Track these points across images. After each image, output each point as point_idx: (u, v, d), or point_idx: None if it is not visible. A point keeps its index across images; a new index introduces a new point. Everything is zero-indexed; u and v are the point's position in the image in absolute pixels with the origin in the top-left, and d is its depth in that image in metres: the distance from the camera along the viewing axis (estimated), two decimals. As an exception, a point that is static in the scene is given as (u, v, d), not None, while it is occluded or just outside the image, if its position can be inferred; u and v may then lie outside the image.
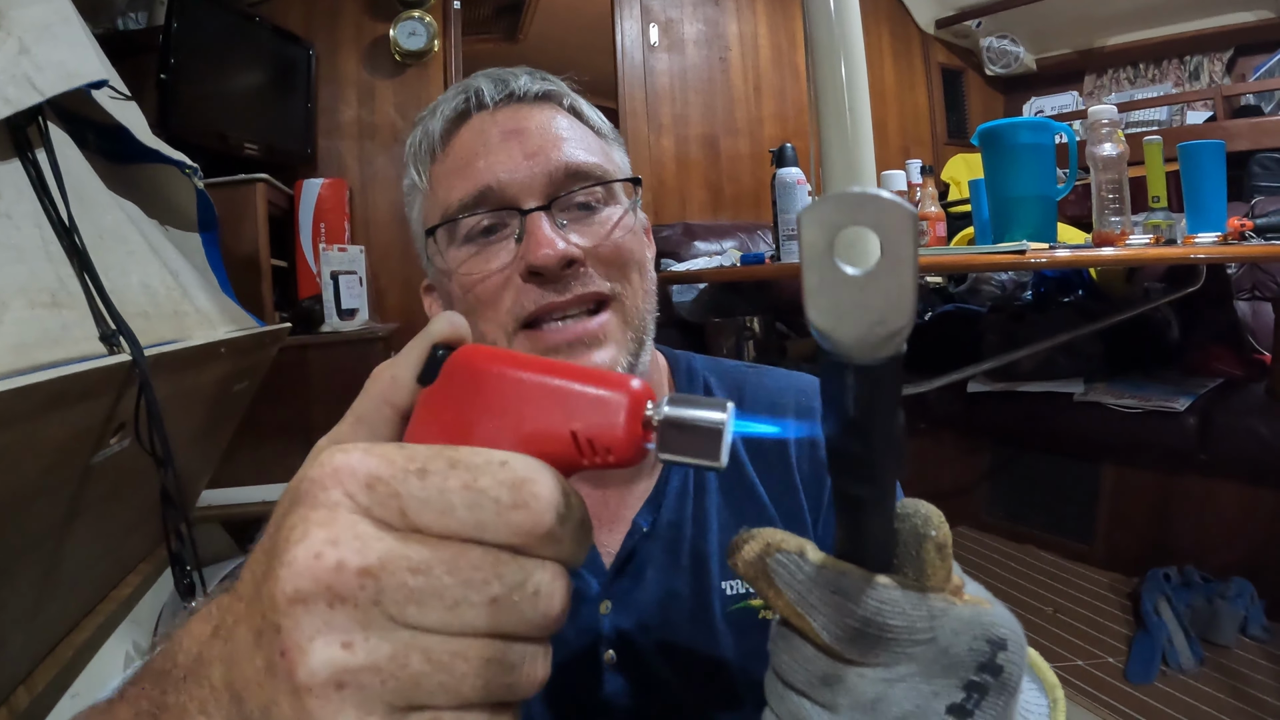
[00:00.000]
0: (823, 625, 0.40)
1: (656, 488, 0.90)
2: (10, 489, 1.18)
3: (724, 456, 0.37)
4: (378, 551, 0.32)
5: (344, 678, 0.31)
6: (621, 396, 0.37)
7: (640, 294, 0.85)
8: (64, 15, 1.62)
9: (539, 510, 0.34)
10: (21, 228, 1.34)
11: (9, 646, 1.37)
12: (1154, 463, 3.23)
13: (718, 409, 0.37)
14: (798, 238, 0.31)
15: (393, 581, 0.32)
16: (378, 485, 0.34)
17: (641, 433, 0.38)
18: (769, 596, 0.42)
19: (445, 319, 0.43)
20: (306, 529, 0.33)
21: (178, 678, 0.40)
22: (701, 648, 0.84)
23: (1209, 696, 2.39)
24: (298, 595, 0.32)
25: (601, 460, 0.38)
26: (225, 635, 0.37)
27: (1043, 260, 1.93)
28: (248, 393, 2.35)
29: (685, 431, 0.37)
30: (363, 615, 0.32)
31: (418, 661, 0.32)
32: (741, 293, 3.40)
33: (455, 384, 0.40)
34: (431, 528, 0.33)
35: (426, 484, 0.33)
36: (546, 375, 0.38)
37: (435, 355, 0.41)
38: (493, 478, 0.34)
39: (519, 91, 0.87)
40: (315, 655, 0.32)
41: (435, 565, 0.33)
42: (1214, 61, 4.75)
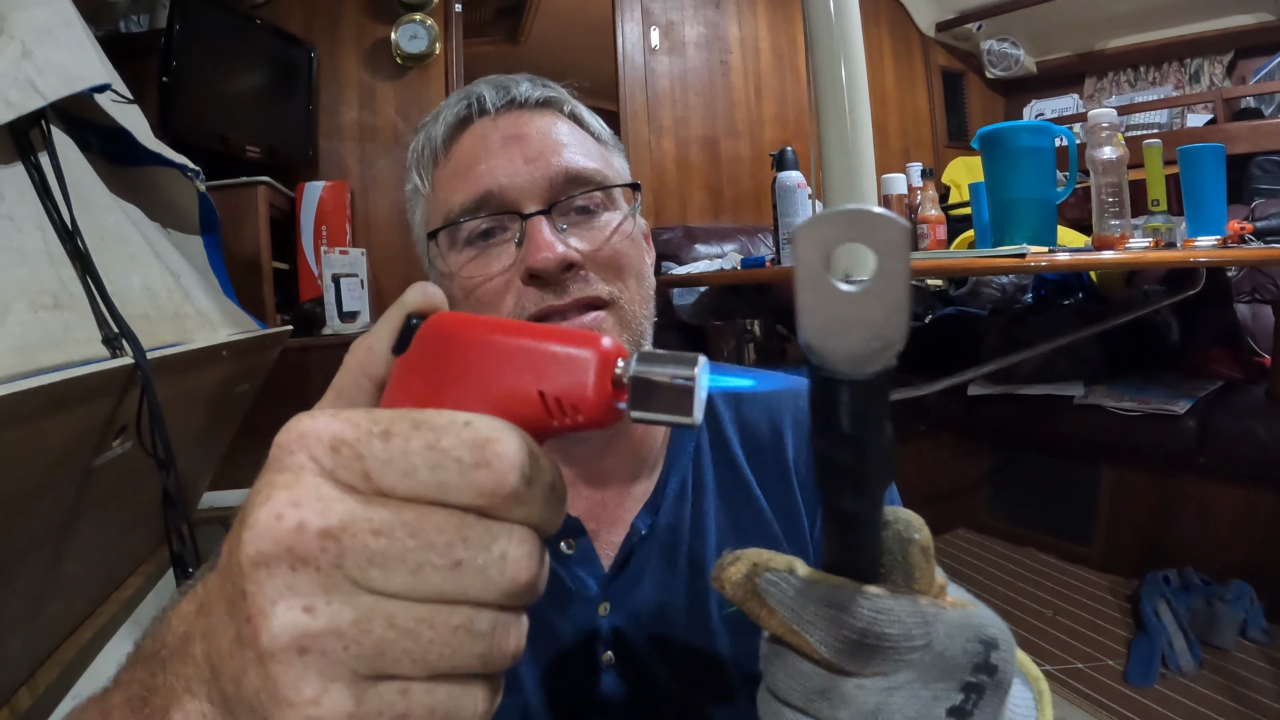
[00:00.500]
0: (820, 640, 0.40)
1: (655, 490, 0.91)
2: (12, 491, 1.19)
3: (698, 413, 0.37)
4: (339, 513, 0.32)
5: (306, 642, 0.31)
6: (590, 354, 0.37)
7: (638, 299, 0.86)
8: (66, 18, 1.62)
9: (502, 469, 0.33)
10: (24, 230, 1.35)
11: (10, 648, 1.37)
12: (1154, 465, 3.24)
13: (689, 364, 0.37)
14: (793, 255, 0.31)
15: (354, 544, 0.32)
16: (342, 448, 0.33)
17: (611, 391, 0.37)
18: (761, 616, 0.42)
19: (419, 288, 0.43)
20: (270, 492, 0.33)
21: (166, 657, 0.41)
22: (699, 649, 0.85)
23: (1209, 699, 2.39)
24: (260, 557, 0.32)
25: (571, 420, 0.37)
26: (207, 610, 0.37)
27: (1043, 264, 1.93)
28: (249, 395, 2.35)
29: (657, 388, 0.37)
30: (324, 578, 0.32)
31: (381, 627, 0.32)
32: (742, 295, 3.41)
33: (427, 350, 0.40)
34: (395, 489, 0.33)
35: (390, 445, 0.33)
36: (515, 336, 0.38)
37: (409, 324, 0.41)
38: (455, 437, 0.33)
39: (520, 98, 0.88)
40: (277, 619, 0.31)
41: (398, 527, 0.32)
42: (1214, 64, 4.75)
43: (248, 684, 0.33)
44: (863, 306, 0.30)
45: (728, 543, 0.88)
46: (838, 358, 0.32)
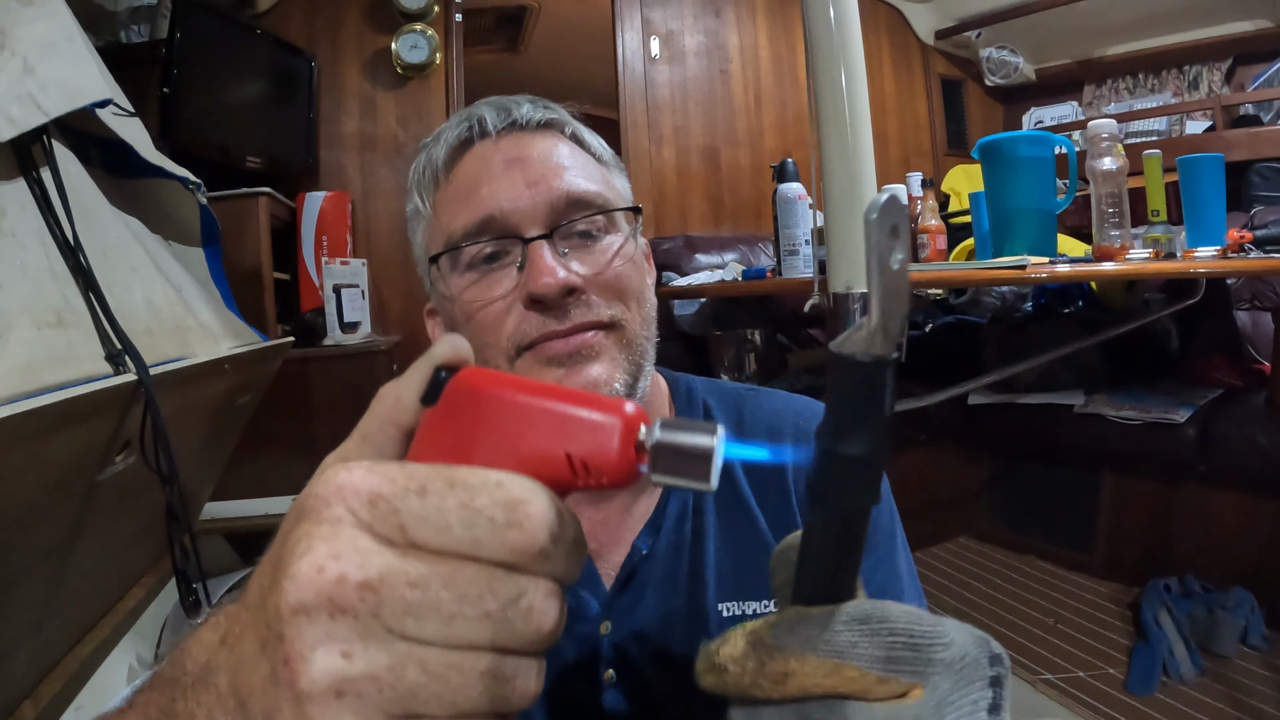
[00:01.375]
0: (869, 662, 0.39)
1: (656, 510, 0.91)
2: (16, 508, 1.19)
3: (714, 480, 0.38)
4: (378, 566, 0.34)
5: (343, 686, 0.33)
6: (615, 420, 0.38)
7: (639, 321, 0.86)
8: (68, 33, 1.62)
9: (533, 529, 0.35)
10: (27, 246, 1.35)
11: (14, 661, 1.38)
12: (1154, 473, 3.24)
13: (708, 433, 0.38)
14: (868, 240, 0.34)
15: (392, 595, 0.33)
16: (379, 502, 0.35)
17: (634, 456, 0.39)
18: (789, 671, 0.40)
19: (448, 342, 0.44)
20: (310, 543, 0.34)
21: (186, 684, 0.41)
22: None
23: (1210, 707, 2.39)
24: (300, 606, 0.33)
25: (595, 482, 0.39)
26: (232, 644, 0.38)
27: (1043, 275, 1.94)
28: (250, 406, 2.35)
29: (677, 454, 0.38)
30: (362, 626, 0.33)
31: (414, 672, 0.33)
32: (742, 306, 3.41)
33: (456, 405, 0.41)
34: (429, 544, 0.34)
35: (426, 502, 0.34)
36: (544, 399, 0.39)
37: (438, 377, 0.42)
38: (489, 497, 0.35)
39: (521, 120, 0.88)
40: (316, 664, 0.33)
41: (433, 580, 0.34)
42: (1213, 71, 4.76)
43: None
44: (904, 279, 0.34)
45: (728, 562, 0.89)
46: (893, 332, 0.34)
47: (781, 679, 0.39)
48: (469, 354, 0.44)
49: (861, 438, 0.36)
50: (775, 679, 0.40)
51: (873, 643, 0.39)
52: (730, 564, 0.89)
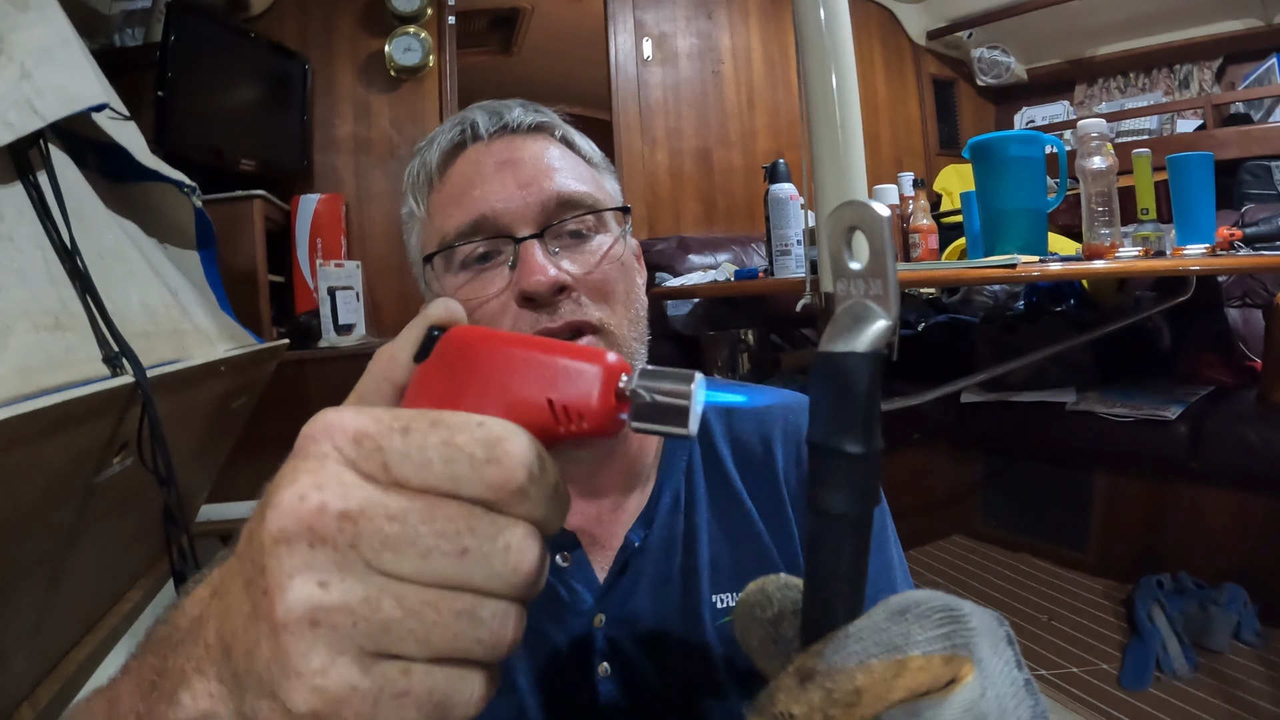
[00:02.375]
0: (927, 645, 0.38)
1: (648, 503, 0.93)
2: (14, 510, 1.19)
3: (693, 425, 0.39)
4: (359, 498, 0.34)
5: (318, 615, 0.33)
6: (596, 367, 0.40)
7: (626, 323, 0.88)
8: (64, 38, 1.63)
9: (511, 466, 0.35)
10: (24, 250, 1.35)
11: (12, 665, 1.38)
12: (1146, 470, 3.25)
13: (686, 380, 0.40)
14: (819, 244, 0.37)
15: (370, 527, 0.34)
16: (364, 440, 0.36)
17: (615, 403, 0.40)
18: (859, 688, 0.37)
19: (441, 303, 0.46)
20: (295, 475, 0.35)
21: (178, 640, 0.42)
22: (693, 660, 0.86)
23: (1203, 702, 2.40)
24: (281, 534, 0.34)
25: (577, 428, 0.40)
26: (222, 593, 0.39)
27: (1034, 274, 1.95)
28: (246, 409, 2.36)
29: (656, 401, 0.40)
30: (340, 557, 0.34)
31: (389, 606, 0.34)
32: (735, 306, 3.42)
33: (446, 360, 0.43)
34: (410, 481, 0.35)
35: (408, 440, 0.35)
36: (528, 349, 0.41)
37: (430, 335, 0.44)
38: (469, 435, 0.36)
39: (513, 123, 0.89)
40: (292, 592, 0.33)
41: (411, 514, 0.34)
42: (1203, 70, 4.77)
43: (259, 656, 0.35)
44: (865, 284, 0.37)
45: (721, 554, 0.91)
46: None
47: (855, 699, 0.37)
48: (462, 314, 0.46)
49: (859, 435, 0.37)
50: (848, 702, 0.37)
51: (924, 626, 0.39)
52: (723, 556, 0.91)
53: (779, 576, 0.45)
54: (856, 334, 0.37)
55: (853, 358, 0.37)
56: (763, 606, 0.44)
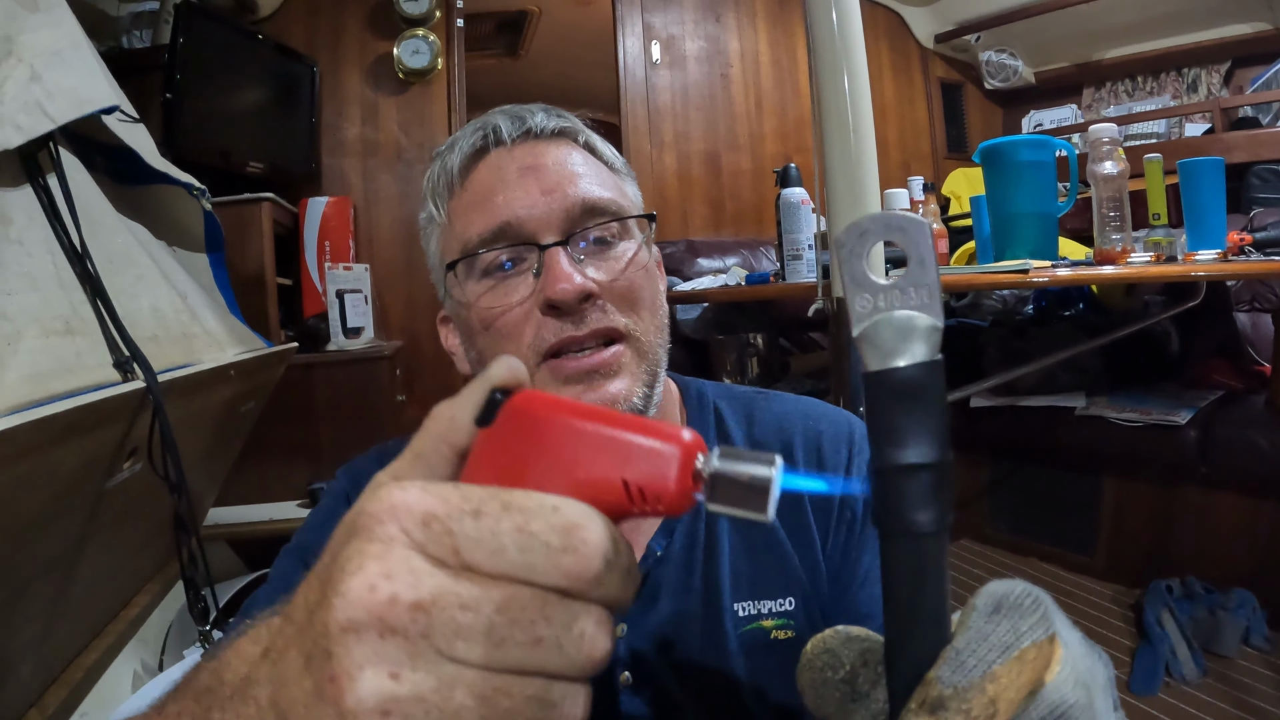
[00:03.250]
0: (1033, 632, 0.39)
1: None
2: (25, 516, 1.19)
3: (771, 511, 0.38)
4: (430, 587, 0.33)
5: (390, 706, 0.32)
6: (674, 449, 0.38)
7: (652, 329, 0.87)
8: (74, 40, 1.63)
9: (588, 555, 0.34)
10: (34, 255, 1.35)
11: (21, 668, 1.38)
12: (1155, 475, 3.24)
13: (767, 464, 0.38)
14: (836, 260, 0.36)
15: (443, 617, 0.33)
16: (433, 523, 0.34)
17: (691, 485, 0.38)
18: (993, 697, 0.37)
19: (504, 364, 0.44)
20: (362, 561, 0.34)
21: (224, 695, 0.41)
22: (715, 669, 0.86)
23: (1212, 707, 2.40)
24: (350, 624, 0.33)
25: (651, 509, 0.38)
26: (275, 658, 0.38)
27: (1045, 279, 1.94)
28: (254, 412, 2.36)
29: (734, 484, 0.38)
30: (412, 647, 0.33)
31: (461, 695, 0.33)
32: (745, 310, 3.41)
33: (512, 428, 0.41)
34: (483, 567, 0.34)
35: (480, 524, 0.34)
36: (601, 424, 0.39)
37: (493, 398, 0.42)
38: (545, 521, 0.34)
39: (536, 128, 0.88)
40: (364, 683, 0.32)
41: (485, 604, 0.33)
42: (1211, 73, 4.76)
43: None
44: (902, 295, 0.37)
45: (742, 563, 0.90)
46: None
47: (992, 709, 0.37)
48: (525, 376, 0.44)
49: (937, 444, 0.37)
50: (987, 713, 0.37)
51: (1024, 616, 0.39)
52: (745, 565, 0.90)
53: (837, 632, 0.43)
54: (909, 345, 0.36)
55: (917, 369, 0.36)
56: (833, 668, 0.42)
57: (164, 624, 1.98)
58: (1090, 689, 0.40)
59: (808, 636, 0.88)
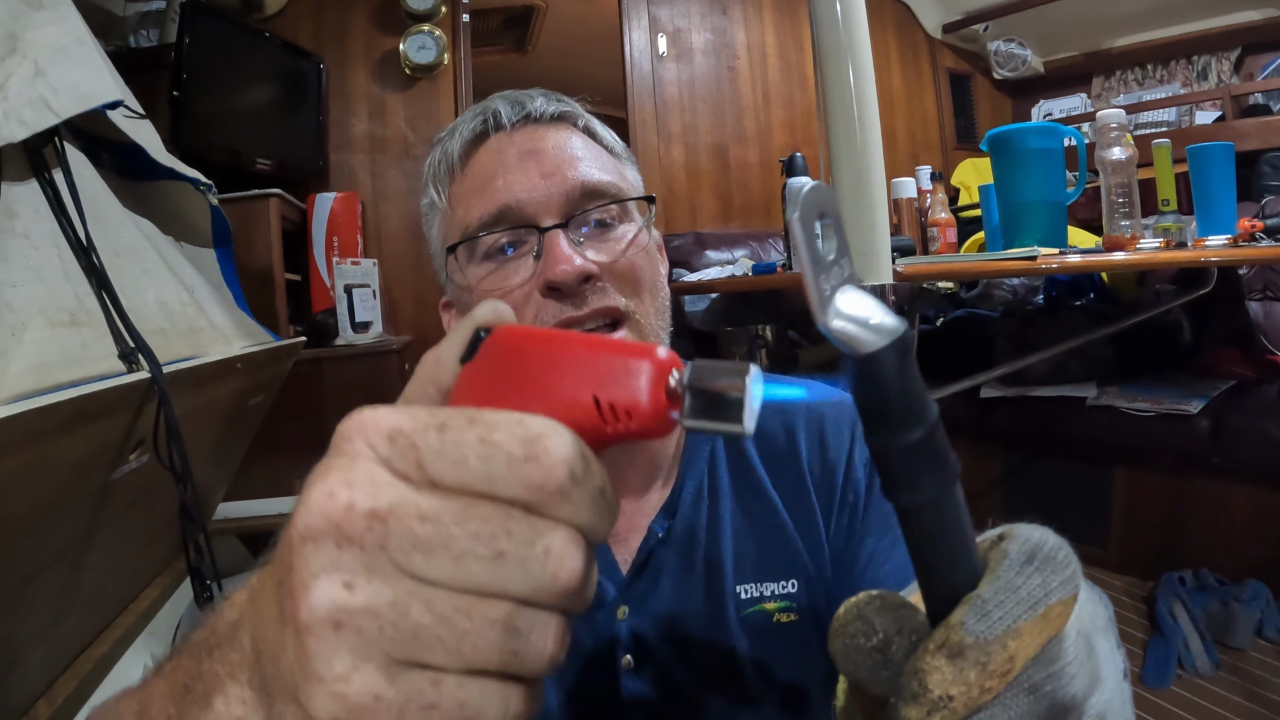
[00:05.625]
0: (1061, 590, 0.38)
1: (671, 495, 0.92)
2: (31, 507, 1.20)
3: (749, 422, 0.37)
4: (389, 497, 0.33)
5: (342, 617, 0.32)
6: (645, 363, 0.37)
7: (653, 311, 0.87)
8: (78, 36, 1.63)
9: (551, 464, 0.33)
10: (40, 248, 1.36)
11: (30, 660, 1.38)
12: (1167, 466, 3.23)
13: (741, 374, 0.37)
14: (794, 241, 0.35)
15: (400, 527, 0.32)
16: (398, 437, 0.34)
17: (665, 400, 0.37)
18: (1013, 654, 0.37)
19: (489, 305, 0.44)
20: (326, 473, 0.34)
21: (214, 644, 0.41)
22: (717, 650, 0.86)
23: (1225, 699, 2.39)
24: (308, 532, 0.33)
25: (625, 427, 0.37)
26: (257, 595, 0.38)
27: (1054, 266, 1.93)
28: (263, 406, 2.36)
29: (710, 398, 0.37)
30: (368, 558, 0.32)
31: (418, 611, 0.32)
32: (753, 301, 3.41)
33: (492, 360, 0.41)
34: (445, 480, 0.33)
35: (444, 437, 0.34)
36: (575, 346, 0.39)
37: (477, 336, 0.42)
38: (507, 432, 0.34)
39: (535, 113, 0.89)
40: (316, 592, 0.32)
41: (444, 515, 0.33)
42: (1221, 61, 4.74)
43: (284, 660, 0.33)
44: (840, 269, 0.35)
45: (745, 544, 0.90)
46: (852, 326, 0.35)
47: (1009, 664, 0.37)
48: (510, 315, 0.44)
49: (909, 423, 0.36)
50: (1004, 669, 0.37)
51: (1056, 571, 0.38)
52: (747, 546, 0.90)
53: (869, 597, 0.42)
54: (878, 324, 0.35)
55: (892, 347, 0.35)
56: (865, 635, 0.40)
57: (174, 618, 1.98)
58: (1091, 637, 0.40)
59: (810, 619, 0.88)
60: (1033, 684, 0.37)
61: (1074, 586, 0.39)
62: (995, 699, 0.37)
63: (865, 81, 1.63)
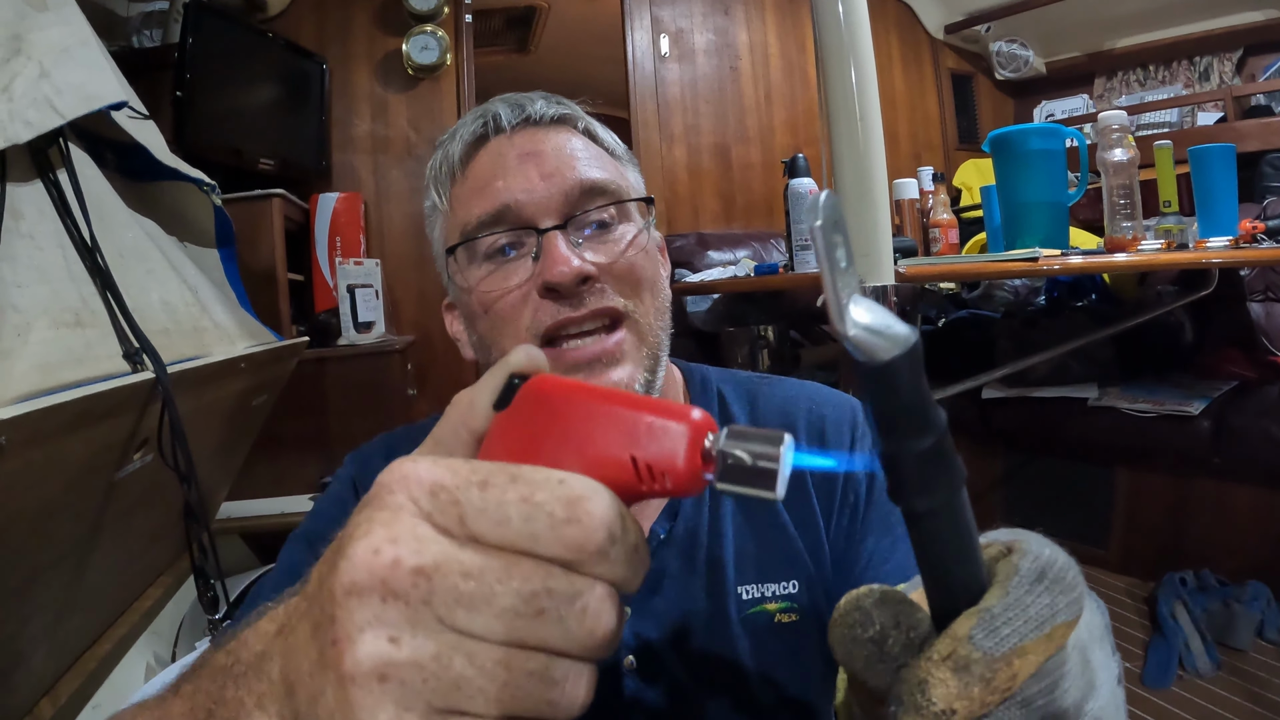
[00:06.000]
0: (1067, 611, 0.39)
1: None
2: (36, 506, 1.20)
3: (781, 490, 0.37)
4: (433, 553, 0.34)
5: (387, 670, 0.32)
6: (683, 426, 0.38)
7: (653, 311, 0.88)
8: (82, 37, 1.64)
9: (591, 526, 0.34)
10: (44, 248, 1.36)
11: (34, 658, 1.39)
12: (1169, 466, 3.23)
13: (776, 442, 0.38)
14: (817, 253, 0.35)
15: (445, 583, 0.33)
16: (441, 493, 0.35)
17: (700, 463, 0.38)
18: (1016, 671, 0.38)
19: (523, 350, 0.44)
20: (370, 527, 0.34)
21: (239, 673, 0.41)
22: (718, 652, 0.86)
23: (1226, 700, 2.39)
24: (353, 587, 0.33)
25: (660, 487, 0.38)
26: (288, 633, 0.39)
27: (1055, 267, 1.93)
28: (266, 407, 2.36)
29: (743, 463, 0.38)
30: (412, 613, 0.33)
31: (460, 664, 0.33)
32: (755, 302, 3.40)
33: (526, 409, 0.41)
34: (488, 537, 0.34)
35: (486, 495, 0.35)
36: (613, 403, 0.39)
37: (511, 383, 0.43)
38: (550, 493, 0.35)
39: (535, 115, 0.89)
40: (362, 646, 0.33)
41: (487, 572, 0.34)
42: (1223, 62, 4.73)
43: (323, 705, 0.34)
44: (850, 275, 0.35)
45: (746, 546, 0.90)
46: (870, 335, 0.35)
47: (1011, 682, 0.37)
48: (544, 363, 0.45)
49: (922, 429, 0.37)
50: (1005, 686, 0.37)
51: (1064, 591, 0.39)
52: (749, 548, 0.90)
53: (869, 590, 0.42)
54: (891, 332, 0.36)
55: (905, 354, 0.35)
56: (863, 626, 0.41)
57: (177, 616, 1.99)
58: (1087, 649, 0.41)
59: (811, 619, 0.88)
60: (1026, 698, 0.38)
61: (1079, 609, 0.39)
62: (989, 713, 0.37)
63: (867, 82, 1.63)
